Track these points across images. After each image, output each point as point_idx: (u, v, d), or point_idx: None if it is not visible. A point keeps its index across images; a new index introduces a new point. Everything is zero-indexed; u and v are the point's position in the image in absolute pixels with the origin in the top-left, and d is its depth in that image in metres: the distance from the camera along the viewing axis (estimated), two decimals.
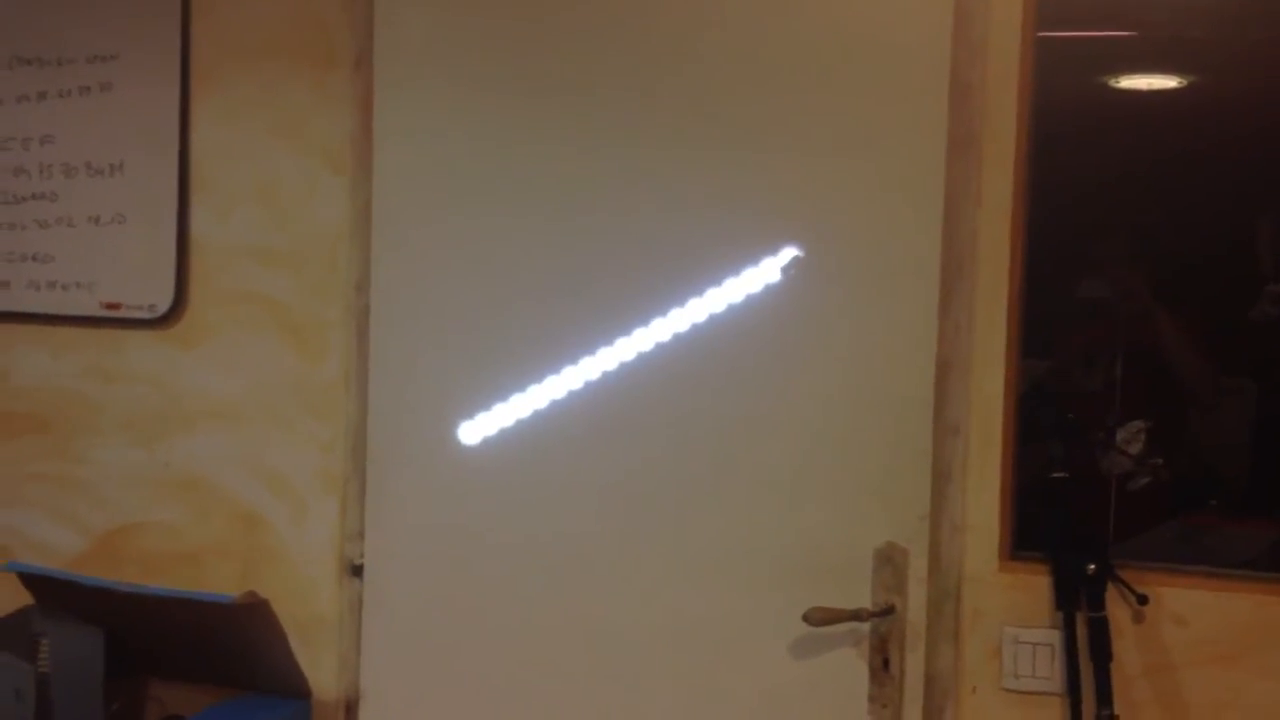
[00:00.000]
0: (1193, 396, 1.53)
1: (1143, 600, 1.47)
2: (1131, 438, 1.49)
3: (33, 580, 1.79)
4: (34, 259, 2.01)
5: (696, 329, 1.65)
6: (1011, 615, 1.54)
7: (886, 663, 1.55)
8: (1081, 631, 1.49)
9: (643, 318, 1.67)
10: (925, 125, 1.54)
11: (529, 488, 1.72)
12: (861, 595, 1.56)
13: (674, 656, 1.65)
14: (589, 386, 1.70)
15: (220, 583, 1.82)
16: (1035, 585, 1.53)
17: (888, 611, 1.55)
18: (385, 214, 1.79)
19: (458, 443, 1.75)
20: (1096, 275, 1.54)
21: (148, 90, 1.93)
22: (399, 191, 1.78)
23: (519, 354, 1.72)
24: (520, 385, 1.72)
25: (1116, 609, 1.49)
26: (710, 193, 1.64)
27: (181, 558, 1.89)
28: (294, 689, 1.76)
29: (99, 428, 1.95)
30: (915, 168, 1.55)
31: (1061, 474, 1.53)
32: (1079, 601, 1.48)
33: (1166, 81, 1.52)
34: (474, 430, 1.75)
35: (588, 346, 1.69)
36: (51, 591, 1.78)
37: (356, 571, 1.80)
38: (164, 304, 1.92)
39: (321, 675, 1.79)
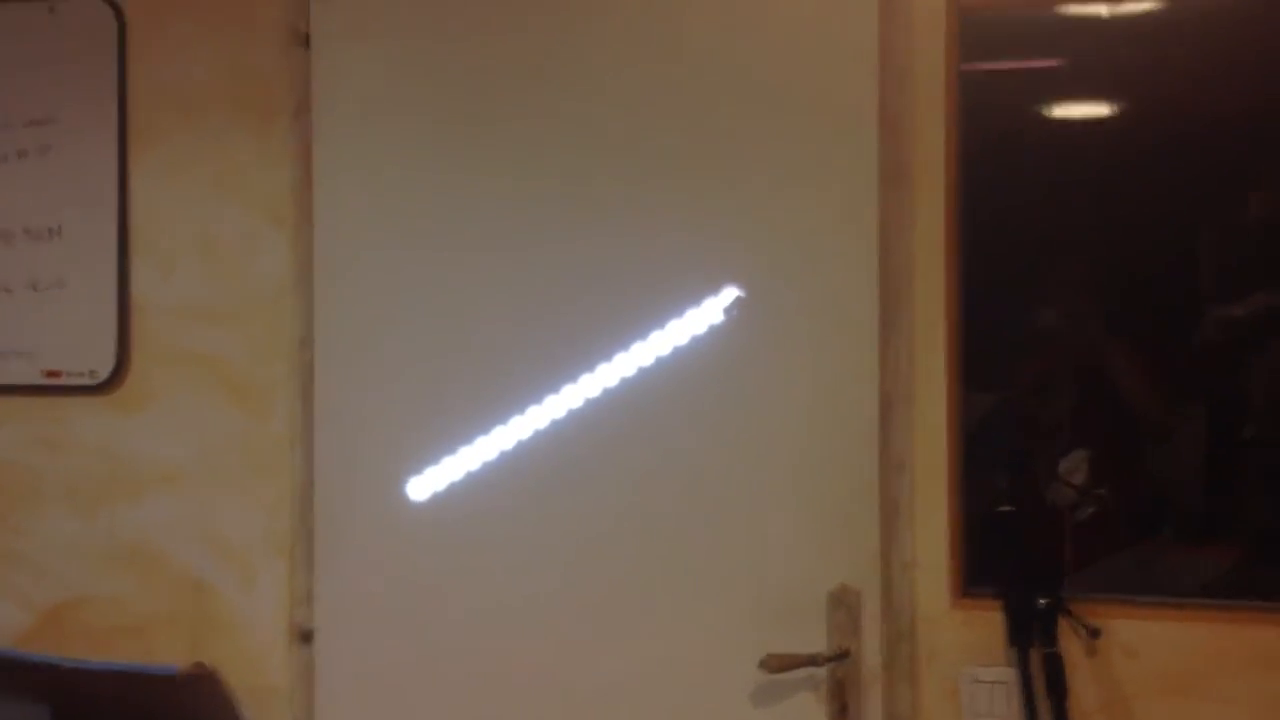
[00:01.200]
0: (1144, 424, 1.51)
1: (1094, 633, 1.45)
2: (1074, 467, 1.48)
3: None
4: None
5: (643, 373, 1.64)
6: (967, 654, 1.52)
7: (845, 708, 1.53)
8: (1037, 667, 1.47)
9: (588, 363, 1.66)
10: (857, 158, 1.54)
11: (481, 542, 1.70)
12: (818, 639, 1.54)
13: (634, 707, 1.62)
14: (537, 435, 1.69)
15: (169, 654, 1.79)
16: (989, 621, 1.51)
17: (843, 656, 1.53)
18: (328, 264, 1.78)
19: (408, 499, 1.73)
20: (1038, 304, 1.53)
21: (86, 151, 1.92)
22: (341, 240, 1.77)
23: (465, 406, 1.70)
24: (468, 437, 1.71)
25: (1070, 643, 1.47)
26: (652, 234, 1.63)
27: (128, 630, 1.86)
28: None
29: (41, 498, 1.92)
30: (849, 201, 1.55)
31: (1008, 507, 1.51)
32: (1033, 637, 1.47)
33: (1097, 109, 1.51)
34: (424, 486, 1.73)
35: (534, 395, 1.68)
36: None
37: (307, 637, 1.77)
38: (105, 369, 1.90)
39: None
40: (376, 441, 1.75)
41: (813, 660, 1.52)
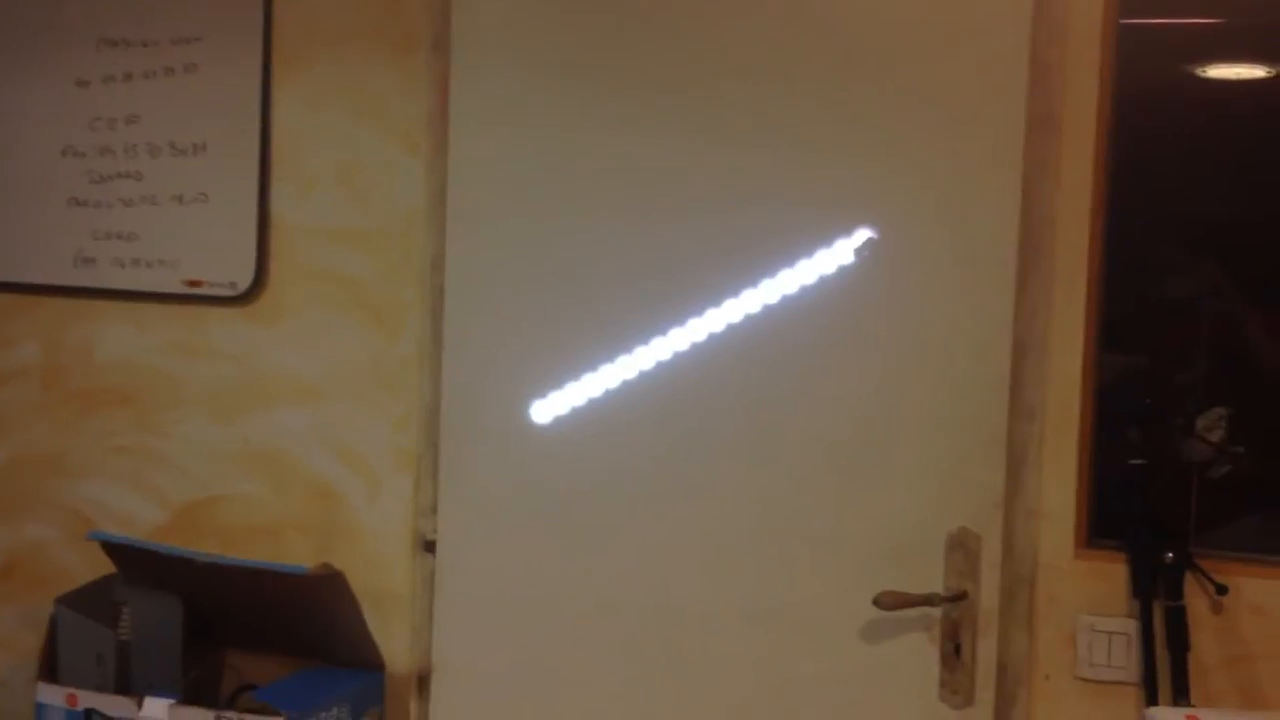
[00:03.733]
0: None
1: (1222, 590, 1.45)
2: (1212, 425, 1.47)
3: (115, 549, 1.83)
4: (119, 237, 2.05)
5: (768, 310, 1.65)
6: (1087, 603, 1.53)
7: (958, 648, 1.54)
8: (1159, 620, 1.47)
9: (715, 298, 1.67)
10: (1003, 104, 1.53)
11: (601, 467, 1.73)
12: (934, 580, 1.55)
13: (745, 637, 1.65)
14: (660, 366, 1.70)
15: (297, 556, 1.85)
16: (1112, 573, 1.51)
17: (960, 597, 1.54)
18: (461, 196, 1.81)
19: (530, 421, 1.77)
20: (1180, 264, 1.52)
21: (230, 72, 1.95)
22: (474, 174, 1.80)
23: (591, 334, 1.73)
24: (592, 365, 1.74)
25: (1195, 599, 1.47)
26: (784, 174, 1.63)
27: (259, 531, 1.93)
28: (368, 661, 1.79)
29: (180, 402, 1.99)
30: (994, 148, 1.54)
31: (1139, 461, 1.51)
32: (1156, 590, 1.47)
33: (1255, 71, 1.49)
34: (546, 409, 1.77)
35: (659, 326, 1.70)
36: (133, 560, 1.82)
37: (429, 547, 1.83)
38: (244, 282, 1.96)
39: (394, 648, 1.82)
40: (502, 365, 1.79)
41: (928, 600, 1.53)
